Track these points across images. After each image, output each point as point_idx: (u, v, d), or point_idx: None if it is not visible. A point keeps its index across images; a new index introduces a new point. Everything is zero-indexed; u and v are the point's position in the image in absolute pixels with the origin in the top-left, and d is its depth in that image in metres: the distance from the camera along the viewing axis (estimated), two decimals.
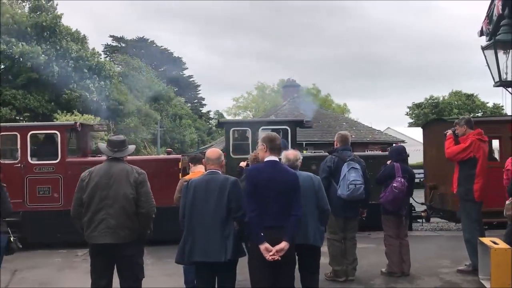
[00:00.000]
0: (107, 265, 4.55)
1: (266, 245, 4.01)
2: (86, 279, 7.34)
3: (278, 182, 4.13)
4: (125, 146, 4.78)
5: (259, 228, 4.06)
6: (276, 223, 4.07)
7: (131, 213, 4.49)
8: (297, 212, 4.14)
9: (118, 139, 4.79)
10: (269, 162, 4.25)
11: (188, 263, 4.48)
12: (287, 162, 4.93)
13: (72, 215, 4.63)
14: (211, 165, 4.60)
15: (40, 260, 8.55)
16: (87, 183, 4.52)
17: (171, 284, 6.57)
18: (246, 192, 4.17)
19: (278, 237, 4.04)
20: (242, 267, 4.51)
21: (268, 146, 4.29)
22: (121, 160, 4.72)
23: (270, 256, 3.99)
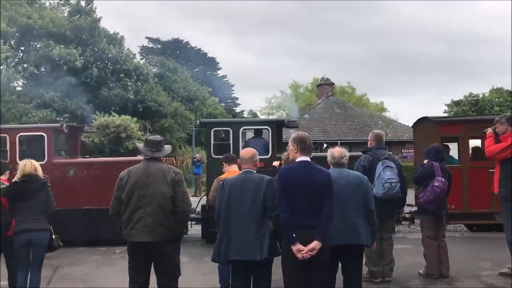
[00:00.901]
0: (144, 263, 4.63)
1: (298, 245, 4.00)
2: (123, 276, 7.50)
3: (311, 182, 4.11)
4: (162, 146, 4.86)
5: (291, 229, 4.06)
6: (308, 223, 4.05)
7: (168, 212, 4.56)
8: (329, 211, 4.11)
9: (155, 139, 4.86)
10: (301, 162, 4.23)
11: (223, 261, 4.51)
12: (333, 160, 4.88)
13: (111, 213, 4.74)
14: (246, 165, 4.62)
15: (80, 257, 8.80)
16: (126, 182, 4.60)
17: (206, 283, 6.63)
18: (278, 192, 4.17)
19: (310, 237, 4.02)
20: (277, 266, 4.51)
21: (299, 147, 4.27)
22: (158, 160, 4.79)
23: (301, 255, 3.98)
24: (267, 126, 10.50)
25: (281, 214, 4.09)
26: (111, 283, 7.13)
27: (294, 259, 4.02)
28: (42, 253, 5.71)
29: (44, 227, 5.64)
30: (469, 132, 10.11)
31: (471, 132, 10.10)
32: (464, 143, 10.14)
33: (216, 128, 10.62)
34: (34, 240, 5.55)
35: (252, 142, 10.45)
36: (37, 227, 5.55)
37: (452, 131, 10.29)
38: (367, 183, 4.93)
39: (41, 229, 5.60)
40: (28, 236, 5.51)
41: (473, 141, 10.82)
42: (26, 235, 5.51)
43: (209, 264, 5.39)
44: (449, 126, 10.47)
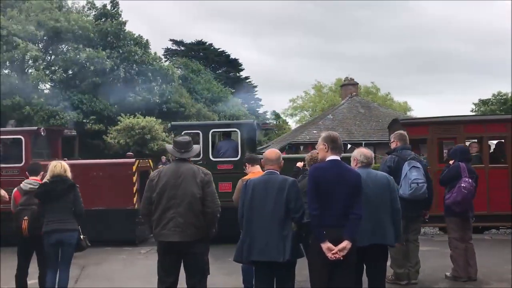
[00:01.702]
0: (174, 263, 4.66)
1: (328, 244, 4.00)
2: (148, 276, 7.60)
3: (342, 181, 4.11)
4: (190, 147, 4.90)
5: (320, 227, 4.05)
6: (337, 223, 4.05)
7: (198, 212, 4.60)
8: (358, 211, 4.10)
9: (184, 140, 4.91)
10: (332, 161, 4.23)
11: (246, 261, 4.52)
12: (365, 160, 4.86)
13: (142, 213, 4.82)
14: (270, 165, 4.62)
15: (106, 257, 8.94)
16: (156, 183, 4.66)
17: (230, 283, 6.65)
18: (309, 191, 4.16)
19: (339, 237, 4.02)
20: (301, 268, 4.49)
21: (330, 146, 4.27)
22: (187, 161, 4.83)
23: (332, 255, 3.95)
24: (236, 129, 10.52)
25: (311, 211, 4.09)
26: (136, 283, 7.22)
27: (322, 258, 4.01)
28: (70, 253, 5.82)
29: (73, 228, 5.76)
30: (436, 134, 10.09)
31: (439, 134, 10.10)
32: (432, 144, 10.06)
33: (186, 131, 10.58)
34: (64, 240, 5.67)
35: (222, 145, 10.58)
36: (66, 227, 5.67)
37: (420, 133, 10.20)
38: (393, 183, 4.89)
39: (70, 229, 5.71)
40: (57, 236, 5.63)
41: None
42: (56, 235, 5.62)
43: (233, 264, 5.39)
44: (417, 128, 10.43)
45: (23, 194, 5.92)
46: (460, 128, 9.92)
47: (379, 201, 4.61)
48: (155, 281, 7.14)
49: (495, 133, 10.06)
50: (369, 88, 45.81)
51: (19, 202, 5.89)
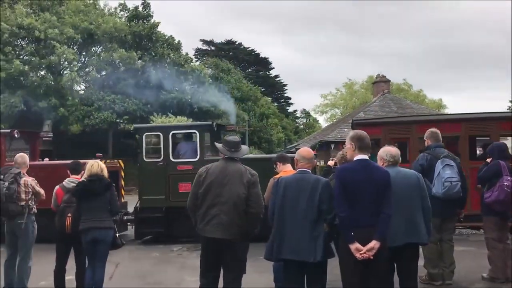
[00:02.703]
0: (216, 258, 4.71)
1: (357, 245, 3.95)
2: (180, 273, 7.71)
3: (370, 180, 4.05)
4: (240, 146, 4.94)
5: (349, 228, 4.01)
6: (367, 222, 4.00)
7: (242, 212, 4.64)
8: (388, 211, 4.04)
9: (234, 139, 4.95)
10: (359, 161, 4.17)
11: (276, 259, 4.53)
12: (392, 159, 4.79)
13: (188, 207, 4.87)
14: (303, 164, 4.60)
15: (139, 255, 9.10)
16: (204, 179, 4.73)
17: (261, 282, 6.66)
18: (336, 191, 4.12)
19: (368, 237, 3.96)
20: (332, 267, 4.46)
21: (357, 145, 4.21)
22: (236, 160, 4.87)
23: (360, 255, 3.92)
24: (195, 130, 10.73)
25: (339, 213, 4.05)
26: (168, 280, 7.33)
27: (353, 259, 3.97)
28: (106, 250, 5.96)
29: (109, 226, 5.90)
30: (389, 134, 10.19)
31: (392, 134, 10.20)
32: (384, 145, 9.90)
33: (148, 133, 10.89)
34: (99, 238, 5.81)
35: (182, 146, 10.79)
36: (103, 225, 5.81)
37: (373, 133, 9.99)
38: (423, 181, 4.80)
39: (106, 227, 5.85)
40: (94, 234, 5.77)
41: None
42: (92, 232, 5.77)
43: (264, 263, 5.40)
44: (370, 128, 10.28)
45: (66, 192, 6.10)
46: (412, 128, 10.03)
47: (409, 199, 4.54)
48: (187, 279, 7.26)
49: (447, 133, 9.73)
50: (401, 85, 45.03)
51: (62, 199, 6.06)
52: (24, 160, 6.63)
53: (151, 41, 25.54)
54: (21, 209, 6.32)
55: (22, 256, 6.37)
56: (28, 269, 6.39)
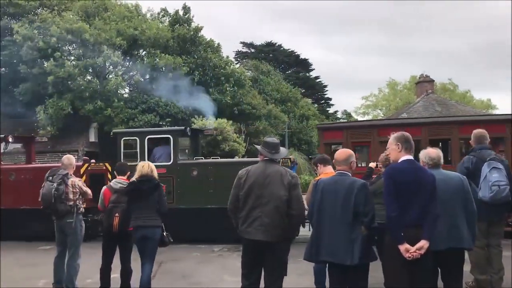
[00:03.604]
0: (257, 260, 4.73)
1: (406, 245, 3.92)
2: (221, 273, 7.79)
3: (417, 181, 4.02)
4: (279, 148, 4.95)
5: (399, 228, 3.97)
6: (415, 222, 3.97)
7: (283, 214, 4.63)
8: (435, 211, 4.01)
9: (273, 141, 4.96)
10: (407, 161, 4.14)
11: (315, 261, 4.53)
12: (431, 161, 4.71)
13: (229, 209, 4.91)
14: (340, 166, 4.57)
15: (181, 254, 9.26)
16: (244, 181, 4.75)
17: (302, 283, 6.65)
18: (386, 191, 4.09)
19: (416, 237, 3.94)
20: (374, 270, 4.40)
21: (404, 146, 4.19)
22: (275, 162, 4.88)
23: (410, 254, 3.89)
24: (169, 135, 11.13)
25: (390, 212, 4.01)
26: (209, 280, 7.42)
27: (400, 260, 3.93)
28: (154, 248, 6.16)
29: (157, 224, 6.09)
30: (351, 138, 10.34)
31: (353, 138, 10.35)
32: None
33: (125, 137, 11.36)
34: (148, 236, 6.01)
35: (157, 150, 11.19)
36: (152, 223, 6.01)
37: (336, 137, 10.58)
38: (467, 184, 4.68)
39: (155, 226, 6.05)
40: (143, 232, 5.97)
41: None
42: (142, 230, 5.97)
43: (304, 264, 5.39)
44: (332, 132, 10.83)
45: (113, 192, 6.31)
46: (373, 132, 10.17)
47: (452, 203, 4.44)
48: (228, 279, 7.33)
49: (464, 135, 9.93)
50: (446, 85, 43.78)
51: (110, 199, 6.27)
52: (70, 161, 6.91)
53: (194, 45, 25.94)
54: (70, 208, 6.59)
55: (71, 254, 6.63)
56: (76, 266, 6.64)
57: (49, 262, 6.92)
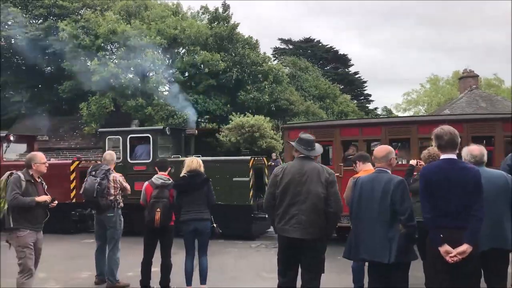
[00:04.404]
0: (294, 258, 4.73)
1: (447, 247, 3.77)
2: (257, 269, 7.82)
3: (456, 180, 3.83)
4: (314, 145, 4.94)
5: (436, 229, 3.83)
6: (455, 224, 3.79)
7: (321, 212, 4.60)
8: (478, 213, 3.78)
9: (309, 138, 4.96)
10: (444, 160, 3.97)
11: (354, 259, 4.47)
12: (472, 159, 4.54)
13: (265, 207, 4.95)
14: (378, 163, 4.49)
15: (219, 249, 9.35)
16: (281, 179, 4.74)
17: (339, 282, 6.59)
18: (421, 191, 3.97)
19: (457, 239, 3.76)
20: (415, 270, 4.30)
21: (437, 143, 4.03)
22: (311, 159, 4.85)
23: (450, 258, 3.74)
24: (148, 134, 11.82)
25: (424, 213, 3.90)
26: (246, 276, 7.47)
27: (441, 262, 3.79)
28: (206, 240, 6.34)
29: (207, 217, 6.27)
30: (316, 137, 9.77)
31: (318, 137, 10.37)
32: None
33: (110, 136, 12.08)
34: (200, 228, 6.19)
35: (138, 148, 11.88)
36: (202, 216, 6.20)
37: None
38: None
39: (205, 219, 6.24)
40: (195, 225, 6.15)
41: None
42: (194, 223, 6.15)
43: (342, 262, 5.35)
44: (297, 132, 10.63)
45: (155, 187, 6.45)
46: (336, 131, 10.39)
47: (495, 202, 4.25)
48: (265, 275, 7.35)
49: (370, 136, 10.42)
50: (491, 81, 42.24)
51: (152, 195, 6.41)
52: (112, 157, 7.13)
53: (231, 42, 26.07)
54: (110, 203, 6.79)
55: (111, 248, 6.82)
56: (117, 259, 6.82)
57: (93, 255, 7.14)
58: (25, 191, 5.44)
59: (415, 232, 4.17)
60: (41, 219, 5.61)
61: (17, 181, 5.43)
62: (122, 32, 22.66)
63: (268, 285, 6.51)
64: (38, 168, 5.66)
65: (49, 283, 7.12)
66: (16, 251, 5.47)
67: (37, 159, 5.69)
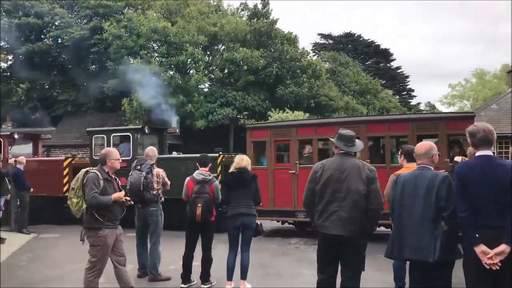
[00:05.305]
0: (334, 255, 4.68)
1: (483, 247, 3.62)
2: (298, 266, 7.82)
3: (492, 178, 3.67)
4: (354, 140, 4.87)
5: (472, 229, 3.69)
6: (492, 224, 3.63)
7: (362, 208, 4.54)
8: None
9: (349, 133, 4.87)
10: (480, 157, 3.83)
11: (397, 258, 4.38)
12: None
13: (305, 203, 4.89)
14: (420, 160, 4.38)
15: (259, 245, 9.38)
16: (320, 175, 4.69)
17: (380, 279, 6.51)
18: (456, 190, 3.85)
19: (495, 239, 3.60)
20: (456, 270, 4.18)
21: (471, 141, 3.89)
22: (351, 155, 4.79)
23: (488, 260, 3.60)
24: (128, 133, 12.75)
25: (459, 212, 3.78)
26: (286, 272, 7.48)
27: (477, 263, 3.66)
28: (251, 236, 6.42)
29: (254, 213, 6.36)
30: (274, 137, 11.12)
31: (275, 137, 11.17)
32: (270, 146, 11.11)
33: (96, 135, 13.10)
34: (247, 224, 6.27)
35: (121, 146, 12.62)
36: (250, 212, 6.29)
37: (261, 136, 11.33)
38: None
39: (252, 215, 6.32)
40: (242, 220, 6.24)
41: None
42: (241, 218, 6.24)
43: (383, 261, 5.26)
44: (258, 131, 11.58)
45: (196, 183, 6.54)
46: (293, 131, 10.92)
47: None
48: (305, 272, 7.34)
49: (322, 135, 10.80)
50: None
51: (193, 190, 6.51)
52: (154, 153, 7.28)
53: (270, 38, 26.06)
54: (153, 197, 6.94)
55: (153, 242, 6.97)
56: (159, 253, 6.97)
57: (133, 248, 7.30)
58: (103, 189, 5.36)
59: (458, 229, 4.04)
60: (119, 215, 5.54)
61: (95, 179, 5.34)
62: (163, 29, 23.05)
63: (307, 282, 6.49)
64: (112, 165, 5.61)
65: None
66: (91, 248, 5.37)
67: (112, 156, 5.61)
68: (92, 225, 5.31)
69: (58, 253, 9.31)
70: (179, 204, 7.81)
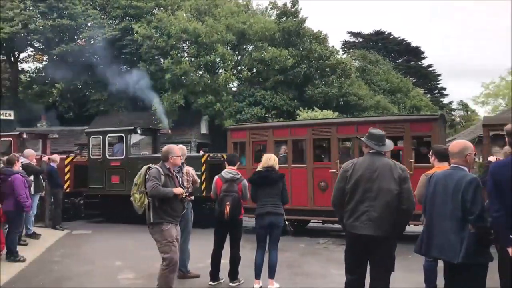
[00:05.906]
0: (363, 255, 4.63)
1: None
2: (326, 266, 7.78)
3: None
4: (385, 140, 4.80)
5: (505, 230, 3.62)
6: None
7: (393, 208, 4.47)
8: None
9: (379, 133, 4.81)
10: None
11: (424, 254, 4.37)
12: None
13: (334, 203, 4.84)
14: (454, 159, 4.29)
15: (288, 244, 9.37)
16: (351, 175, 4.64)
17: (410, 280, 6.41)
18: (488, 190, 3.77)
19: None
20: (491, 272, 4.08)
21: (509, 140, 3.81)
22: (382, 155, 4.73)
23: None
24: (122, 134, 13.35)
25: (492, 212, 3.70)
26: (314, 272, 7.45)
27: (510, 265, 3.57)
28: (279, 235, 6.44)
29: (282, 212, 6.38)
30: (252, 138, 11.72)
31: (254, 138, 11.76)
32: (249, 147, 11.69)
33: (93, 136, 13.85)
34: (275, 222, 6.30)
35: (115, 146, 13.35)
36: (278, 211, 6.31)
37: (240, 137, 11.88)
38: None
39: (280, 213, 6.34)
40: (270, 218, 6.27)
41: None
42: (269, 217, 6.27)
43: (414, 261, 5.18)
44: (238, 132, 12.11)
45: (224, 181, 6.59)
46: (269, 132, 11.51)
47: None
48: (333, 272, 7.30)
49: (298, 136, 11.40)
50: None
51: (221, 188, 6.56)
52: (183, 151, 7.34)
53: (298, 37, 25.93)
54: None
55: (183, 239, 7.04)
56: (188, 251, 7.05)
57: None
58: (164, 184, 5.46)
59: (487, 233, 3.93)
60: (180, 212, 5.68)
61: (157, 173, 5.47)
62: (193, 30, 23.26)
63: (335, 282, 6.45)
64: (174, 161, 5.72)
65: (124, 271, 7.51)
66: (160, 244, 5.50)
67: (174, 152, 5.73)
68: (155, 220, 5.46)
69: (90, 249, 9.54)
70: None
